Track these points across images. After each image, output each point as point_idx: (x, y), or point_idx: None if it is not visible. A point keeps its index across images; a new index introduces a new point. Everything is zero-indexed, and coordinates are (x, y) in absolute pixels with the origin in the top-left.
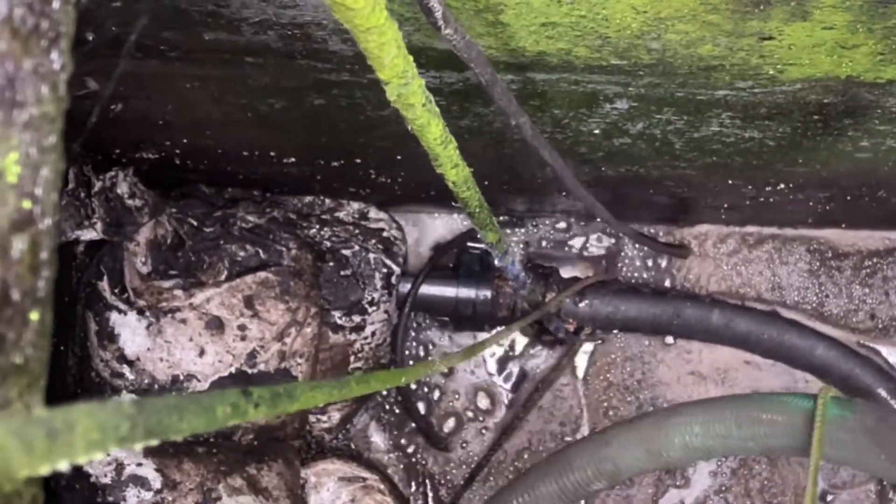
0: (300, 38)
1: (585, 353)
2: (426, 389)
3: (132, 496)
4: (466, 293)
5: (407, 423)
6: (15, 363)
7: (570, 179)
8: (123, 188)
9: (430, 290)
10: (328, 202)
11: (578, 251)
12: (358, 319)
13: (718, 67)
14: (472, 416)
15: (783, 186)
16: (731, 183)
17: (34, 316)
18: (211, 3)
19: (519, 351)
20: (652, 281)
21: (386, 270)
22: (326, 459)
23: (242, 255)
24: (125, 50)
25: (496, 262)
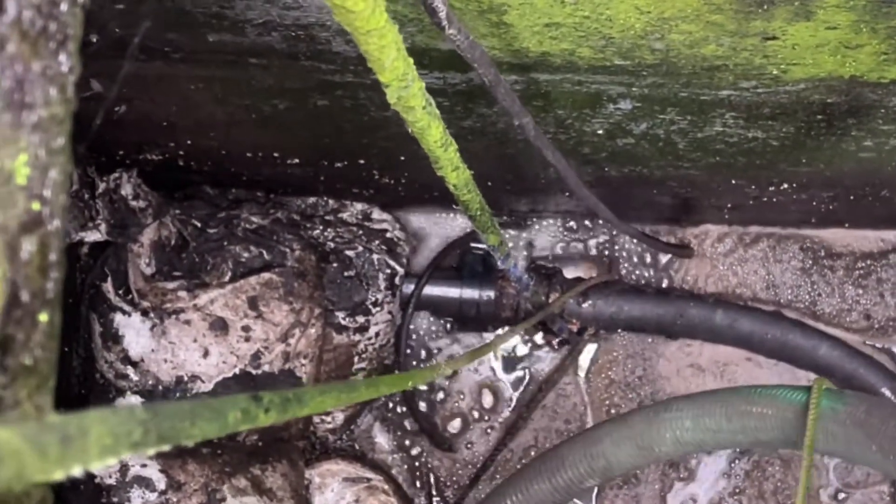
0: (304, 39)
1: (587, 351)
2: (430, 391)
3: (136, 497)
4: (470, 294)
5: (411, 423)
6: (24, 364)
7: (573, 180)
8: (127, 189)
9: (433, 290)
10: (332, 203)
11: (581, 252)
12: (362, 320)
13: (722, 67)
14: (477, 416)
15: (787, 186)
16: (734, 183)
17: (43, 317)
18: (215, 4)
19: (523, 352)
20: (653, 281)
21: (389, 271)
22: (331, 460)
23: (246, 256)
24: (130, 52)
25: (499, 264)
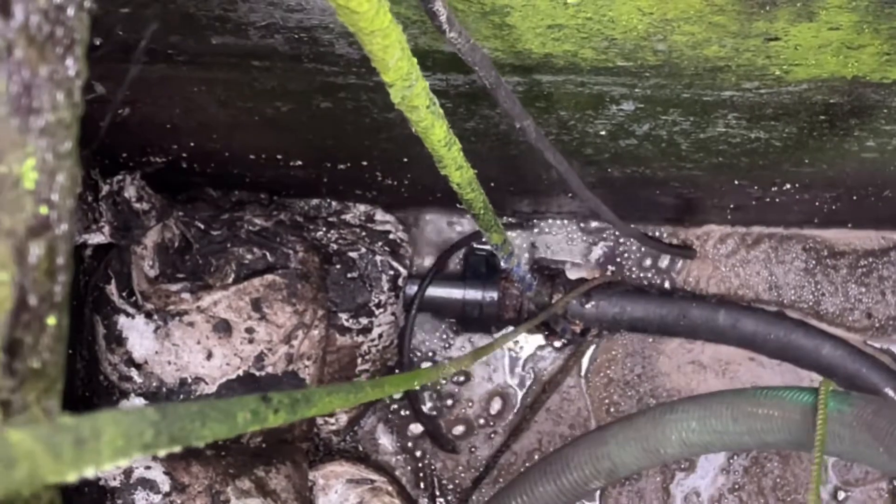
0: (307, 41)
1: (587, 349)
2: (440, 398)
3: (141, 499)
4: (473, 295)
5: (414, 425)
6: (33, 367)
7: (575, 181)
8: (131, 192)
9: (436, 292)
10: (335, 205)
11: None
12: (365, 321)
13: (724, 68)
14: (483, 422)
15: (789, 187)
16: (737, 183)
17: (51, 320)
18: (218, 7)
19: (526, 353)
20: (655, 282)
21: (393, 272)
22: (334, 461)
23: (249, 257)
24: (136, 55)
25: (502, 263)
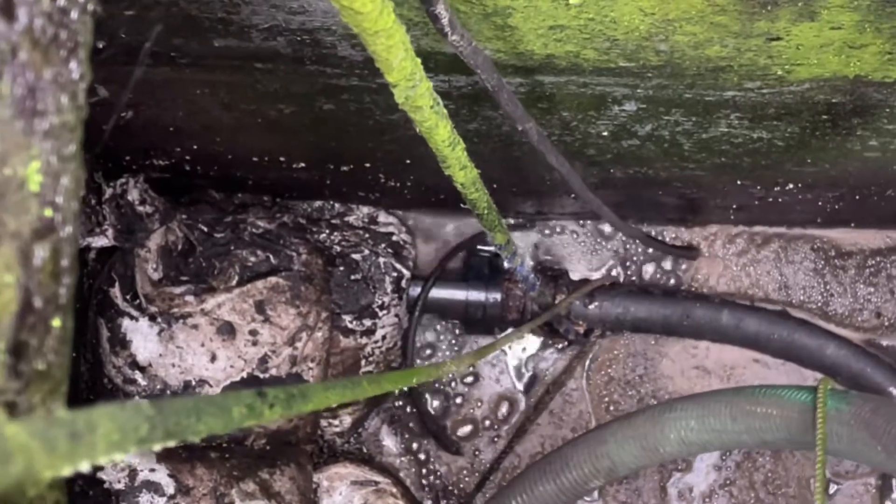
0: (309, 43)
1: (590, 351)
2: (447, 398)
3: (145, 502)
4: (476, 296)
5: (419, 426)
6: (38, 369)
7: (577, 183)
8: (134, 195)
9: (440, 293)
10: (338, 207)
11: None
12: (368, 323)
13: (726, 68)
14: (489, 424)
15: (792, 186)
16: (739, 183)
17: (56, 322)
18: (221, 10)
19: (529, 353)
20: (663, 282)
21: (396, 274)
22: (339, 463)
23: (253, 260)
24: (140, 58)
25: (505, 263)
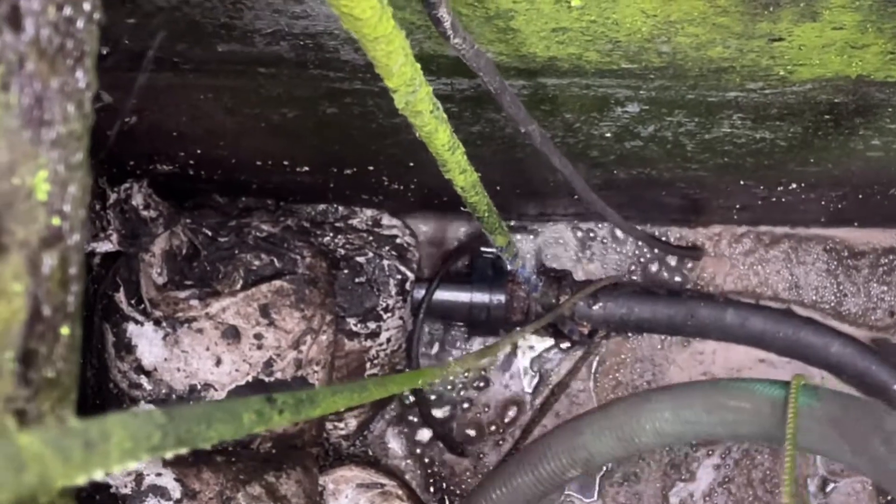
0: (312, 48)
1: (596, 352)
2: (454, 405)
3: None
4: (480, 298)
5: (424, 428)
6: (47, 377)
7: (580, 185)
8: (138, 200)
9: (444, 295)
10: (341, 210)
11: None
12: (373, 326)
13: (729, 69)
14: (494, 429)
15: (795, 186)
16: (743, 183)
17: (65, 330)
18: (224, 15)
19: (534, 354)
20: (673, 282)
21: (400, 277)
22: (344, 466)
23: (257, 263)
24: (144, 64)
25: (507, 265)
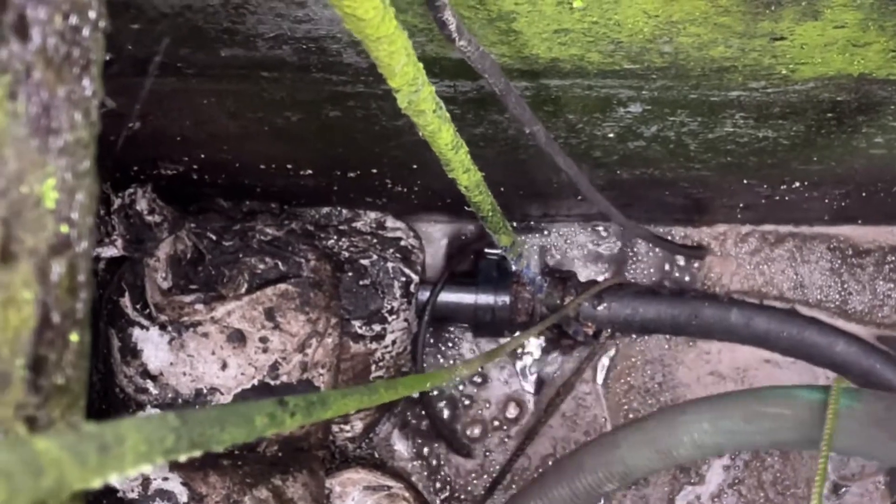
0: (315, 51)
1: (606, 356)
2: (454, 402)
3: None
4: (485, 299)
5: (430, 430)
6: (57, 384)
7: (584, 184)
8: (142, 204)
9: (448, 297)
10: (345, 213)
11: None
12: (378, 328)
13: (731, 69)
14: (497, 425)
15: (798, 184)
16: (746, 182)
17: (74, 337)
18: (227, 20)
19: (539, 356)
20: (678, 282)
21: (405, 279)
22: (351, 469)
23: (262, 267)
24: (150, 70)
25: (512, 266)
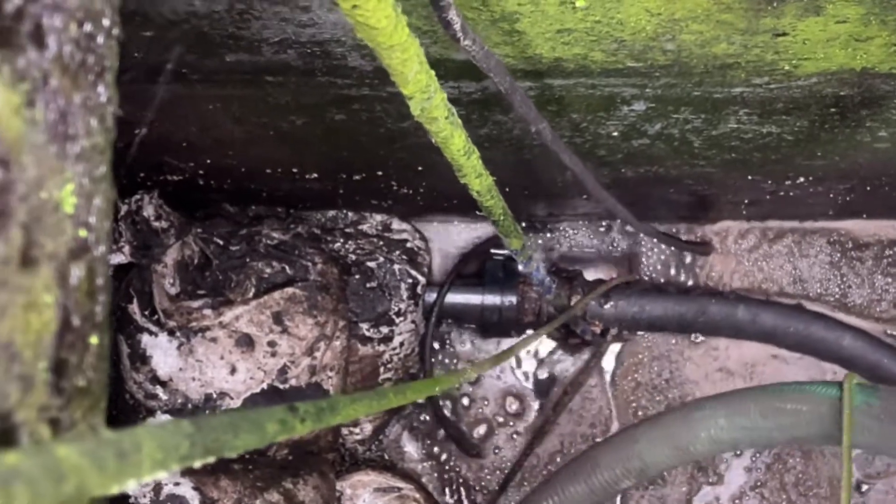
0: (320, 55)
1: (612, 353)
2: (454, 401)
3: None
4: (492, 300)
5: (439, 431)
6: (78, 386)
7: (590, 182)
8: (149, 211)
9: (455, 298)
10: (351, 215)
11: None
12: (386, 330)
13: (734, 65)
14: (502, 421)
15: (803, 180)
16: (750, 178)
17: (94, 340)
18: (232, 25)
19: (546, 355)
20: (679, 280)
21: (411, 281)
22: (361, 471)
23: (269, 271)
24: (162, 78)
25: (520, 268)
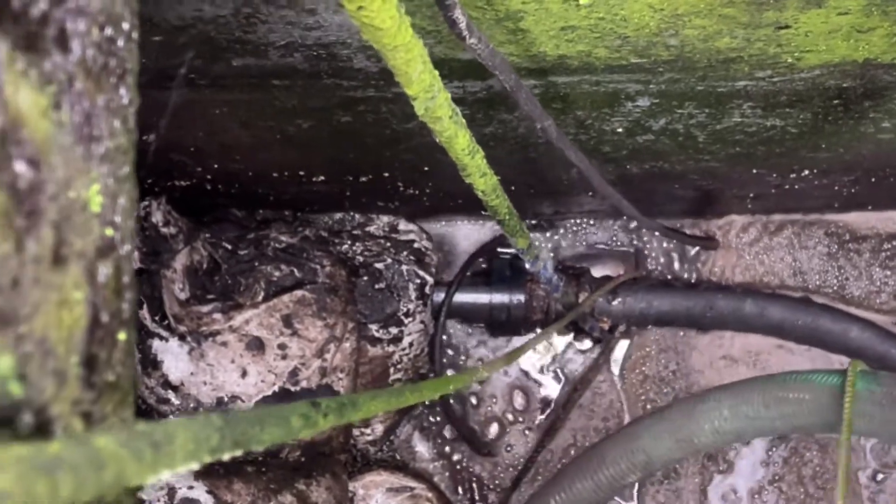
0: (325, 57)
1: (620, 347)
2: (462, 399)
3: None
4: (500, 299)
5: (450, 430)
6: (108, 381)
7: (596, 179)
8: (158, 217)
9: (463, 297)
10: (358, 217)
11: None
12: (395, 331)
13: (737, 59)
14: (512, 418)
15: (807, 172)
16: (755, 172)
17: (122, 336)
18: (238, 29)
19: (555, 353)
20: (683, 274)
21: (419, 281)
22: (373, 471)
23: (278, 275)
24: (175, 83)
25: (528, 267)
